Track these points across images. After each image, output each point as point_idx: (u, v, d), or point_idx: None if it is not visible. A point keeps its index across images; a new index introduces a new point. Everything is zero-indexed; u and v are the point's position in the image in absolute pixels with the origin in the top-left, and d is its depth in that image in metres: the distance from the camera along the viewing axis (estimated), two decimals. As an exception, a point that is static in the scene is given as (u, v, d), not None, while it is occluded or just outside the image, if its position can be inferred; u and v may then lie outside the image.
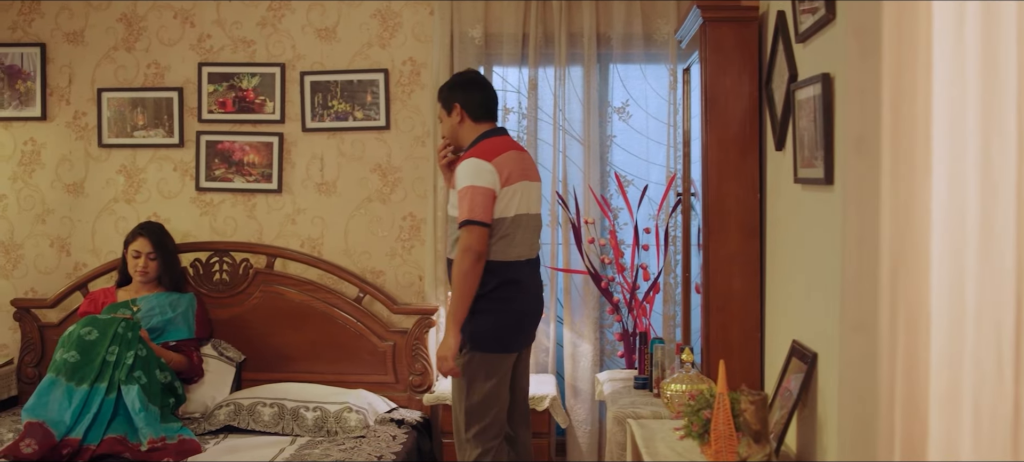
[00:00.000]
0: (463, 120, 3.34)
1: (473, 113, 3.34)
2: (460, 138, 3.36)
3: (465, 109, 3.33)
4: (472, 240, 3.11)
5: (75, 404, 3.51)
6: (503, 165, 3.18)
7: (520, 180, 3.22)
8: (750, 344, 3.20)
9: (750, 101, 3.19)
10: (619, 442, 3.23)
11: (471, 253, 3.11)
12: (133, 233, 4.12)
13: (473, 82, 3.40)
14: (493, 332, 3.17)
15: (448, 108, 3.37)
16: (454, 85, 3.40)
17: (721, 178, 3.20)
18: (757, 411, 2.24)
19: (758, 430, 2.24)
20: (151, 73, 4.48)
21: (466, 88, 3.36)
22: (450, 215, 3.30)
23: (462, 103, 3.34)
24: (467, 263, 3.11)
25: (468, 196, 3.12)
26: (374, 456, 3.49)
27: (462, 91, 3.36)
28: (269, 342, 4.31)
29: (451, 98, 3.37)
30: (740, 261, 3.20)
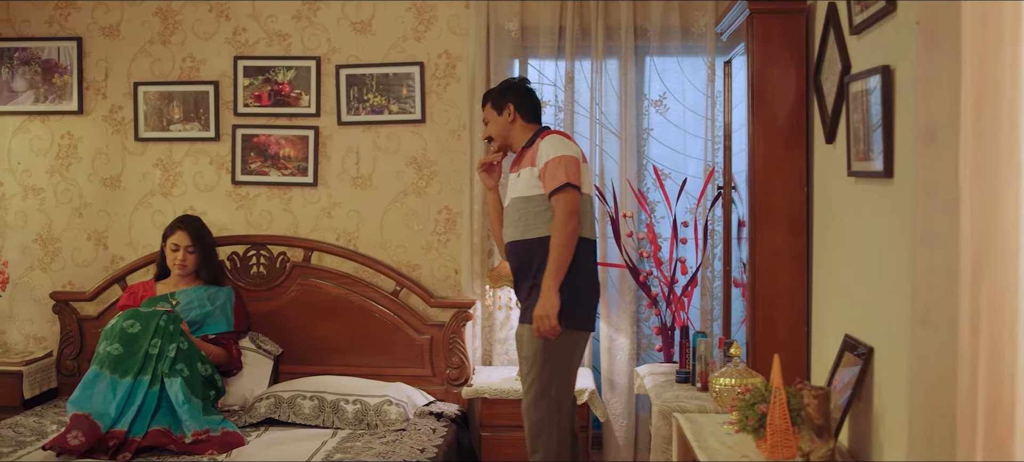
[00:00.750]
0: (515, 120, 3.53)
1: (525, 114, 3.55)
2: (511, 137, 3.55)
3: (519, 110, 3.54)
4: (574, 202, 3.27)
5: (120, 396, 3.52)
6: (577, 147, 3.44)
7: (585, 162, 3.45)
8: (797, 338, 3.18)
9: (797, 94, 3.17)
10: (664, 436, 3.22)
11: (576, 215, 3.27)
12: (171, 226, 4.14)
13: (525, 87, 3.61)
14: (583, 308, 3.32)
15: (499, 108, 3.55)
16: (507, 88, 3.60)
17: (768, 171, 3.18)
18: (820, 405, 2.23)
19: (821, 424, 2.23)
20: (186, 67, 4.49)
21: (519, 91, 3.57)
22: (515, 197, 3.42)
23: (516, 104, 3.53)
24: (574, 224, 3.26)
25: (562, 163, 3.28)
26: (416, 449, 3.50)
27: (515, 93, 3.56)
28: (306, 335, 4.31)
29: (504, 99, 3.55)
30: (787, 255, 3.19)
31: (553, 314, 3.21)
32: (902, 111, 2.30)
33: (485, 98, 3.65)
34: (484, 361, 4.37)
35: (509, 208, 3.47)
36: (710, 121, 4.22)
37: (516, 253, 3.42)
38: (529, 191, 3.37)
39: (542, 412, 3.30)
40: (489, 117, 3.59)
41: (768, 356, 3.13)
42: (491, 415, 3.96)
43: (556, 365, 3.30)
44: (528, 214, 3.37)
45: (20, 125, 4.56)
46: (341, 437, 3.65)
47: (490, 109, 3.58)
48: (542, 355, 3.29)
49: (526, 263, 3.37)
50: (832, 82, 2.86)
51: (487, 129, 3.61)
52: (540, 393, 3.30)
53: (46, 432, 3.69)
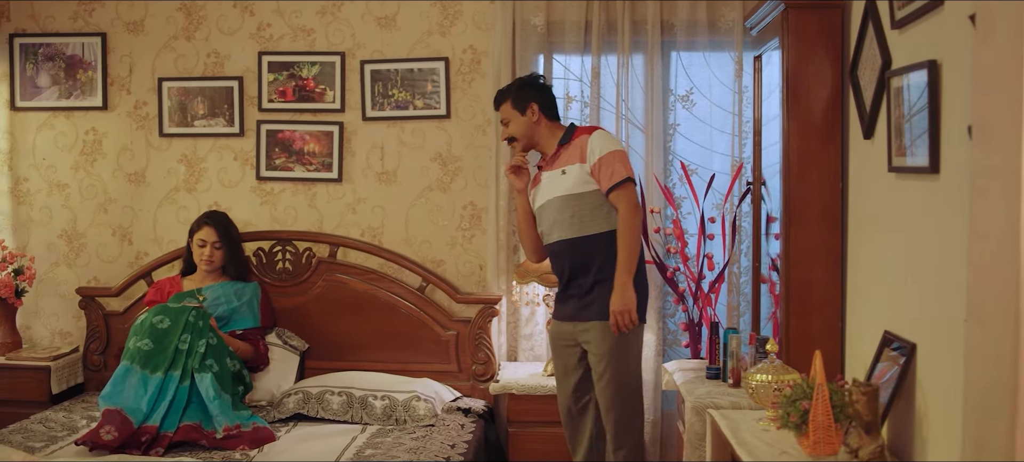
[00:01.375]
0: (540, 119, 3.47)
1: (548, 112, 3.49)
2: (536, 137, 3.48)
3: (542, 109, 3.47)
4: (635, 196, 3.31)
5: (151, 392, 3.53)
6: None
7: None
8: (831, 334, 3.17)
9: (832, 89, 3.15)
10: (697, 432, 3.21)
11: (639, 208, 3.33)
12: (198, 222, 4.14)
13: (544, 84, 3.54)
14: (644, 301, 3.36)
15: (521, 108, 3.46)
16: (527, 84, 3.50)
17: (802, 167, 3.17)
18: (869, 402, 2.22)
19: (869, 421, 2.22)
20: (211, 62, 4.49)
21: (540, 89, 3.49)
22: (563, 195, 3.35)
23: (539, 103, 3.46)
24: (640, 217, 3.32)
25: (618, 158, 3.29)
26: (447, 445, 3.49)
27: (536, 91, 3.48)
28: (332, 331, 4.31)
29: (525, 98, 3.46)
30: (821, 251, 3.18)
31: (632, 308, 3.25)
32: (949, 106, 2.29)
33: (500, 97, 3.55)
34: (509, 357, 4.36)
35: (552, 206, 3.39)
36: (737, 116, 4.20)
37: (571, 251, 3.35)
38: (580, 188, 3.33)
39: (625, 406, 3.33)
40: (509, 117, 3.49)
41: (802, 352, 3.13)
42: (519, 411, 3.95)
43: (632, 358, 3.34)
44: (583, 211, 3.33)
45: (45, 121, 4.57)
46: (370, 433, 3.65)
47: (510, 109, 3.48)
48: (619, 350, 3.29)
49: (585, 260, 3.33)
50: (870, 77, 2.84)
51: (508, 130, 3.51)
52: (622, 388, 3.31)
53: (77, 427, 3.69)
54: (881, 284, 2.82)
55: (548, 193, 3.42)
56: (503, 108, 3.52)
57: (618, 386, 3.31)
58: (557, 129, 3.50)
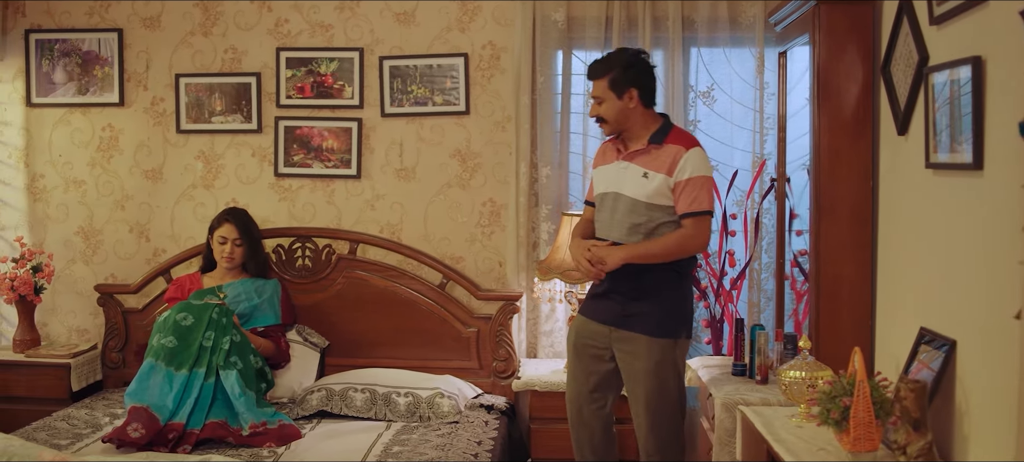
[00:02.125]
0: (637, 105, 3.21)
1: (647, 99, 3.23)
2: (628, 124, 3.22)
3: (641, 96, 3.20)
4: (705, 232, 3.16)
5: (176, 389, 3.51)
6: None
7: None
8: (860, 330, 3.17)
9: (863, 85, 3.15)
10: (727, 429, 3.20)
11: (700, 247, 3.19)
12: (218, 219, 4.12)
13: (649, 67, 3.24)
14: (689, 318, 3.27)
15: (619, 90, 3.16)
16: (632, 67, 3.18)
17: (833, 163, 3.16)
18: (917, 398, 2.22)
19: (917, 417, 2.22)
20: (228, 58, 4.46)
21: (644, 72, 3.21)
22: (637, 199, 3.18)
23: (640, 89, 3.19)
24: (687, 252, 3.17)
25: (706, 186, 3.15)
26: (473, 442, 3.49)
27: (640, 75, 3.19)
28: (352, 328, 4.30)
29: (627, 79, 3.16)
30: (851, 247, 3.17)
31: (610, 265, 3.13)
32: (994, 102, 2.29)
33: (597, 69, 3.20)
34: (529, 354, 4.36)
35: (621, 203, 3.20)
36: (758, 113, 4.20)
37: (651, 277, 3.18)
38: (658, 200, 3.15)
39: (665, 428, 3.23)
40: (603, 97, 3.17)
41: (832, 348, 3.13)
42: (541, 407, 3.95)
43: (679, 376, 3.24)
44: (650, 225, 3.17)
45: (61, 117, 4.54)
46: (395, 430, 3.64)
47: (606, 88, 3.16)
48: (667, 367, 3.19)
49: (638, 269, 3.15)
50: (905, 73, 2.84)
51: (599, 109, 3.19)
52: (668, 406, 3.22)
53: (100, 424, 3.68)
54: (917, 280, 2.81)
55: (621, 185, 3.21)
56: (598, 84, 3.19)
57: (657, 406, 3.19)
58: (651, 120, 3.24)
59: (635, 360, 3.20)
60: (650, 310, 3.16)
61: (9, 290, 4.17)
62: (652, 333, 3.16)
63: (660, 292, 3.17)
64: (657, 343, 3.17)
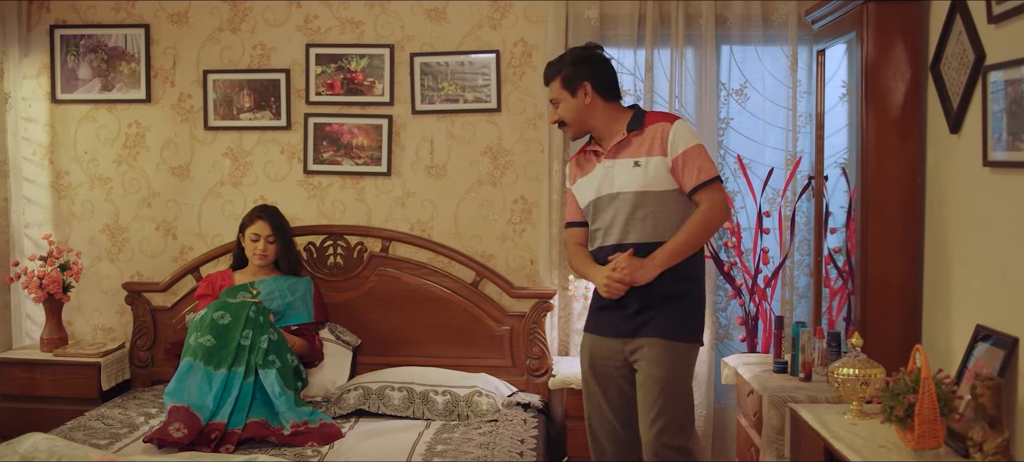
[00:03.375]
0: (594, 101, 3.03)
1: (605, 92, 3.04)
2: (590, 121, 3.06)
3: (597, 88, 3.02)
4: (725, 198, 2.99)
5: (216, 388, 3.49)
6: None
7: None
8: (908, 327, 3.19)
9: (911, 83, 3.16)
10: (775, 426, 3.21)
11: (726, 213, 2.98)
12: (251, 216, 4.09)
13: (603, 57, 3.08)
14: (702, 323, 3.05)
15: (572, 87, 3.02)
16: (581, 61, 3.04)
17: (880, 161, 3.18)
18: (994, 396, 2.23)
19: (994, 415, 2.23)
20: (257, 54, 4.43)
21: (596, 64, 3.05)
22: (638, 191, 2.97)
23: (593, 81, 3.02)
24: (716, 223, 2.96)
25: (704, 153, 2.96)
26: (517, 440, 3.48)
27: (592, 67, 3.03)
28: (384, 326, 4.28)
29: (578, 75, 3.01)
30: (898, 245, 3.19)
31: (634, 282, 2.90)
32: (1064, 102, 2.30)
33: (548, 72, 3.08)
34: (561, 351, 4.35)
35: (622, 202, 2.99)
36: (791, 111, 4.21)
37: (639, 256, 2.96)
38: (660, 186, 2.95)
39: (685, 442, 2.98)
40: (559, 97, 3.05)
41: (878, 345, 3.14)
42: (578, 406, 3.90)
43: (684, 384, 3.00)
44: (659, 214, 2.96)
45: (86, 114, 4.50)
46: (435, 428, 3.63)
47: (560, 88, 3.03)
48: (681, 378, 2.98)
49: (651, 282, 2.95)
50: (959, 72, 2.85)
51: (557, 112, 3.06)
52: (683, 423, 2.98)
53: (135, 424, 3.65)
54: (972, 278, 2.83)
55: (614, 185, 3.01)
56: (553, 87, 3.07)
57: (679, 422, 2.97)
58: (619, 112, 3.07)
59: (645, 366, 2.98)
60: (665, 312, 2.95)
61: (38, 288, 4.13)
62: (665, 336, 2.96)
63: (677, 296, 2.98)
64: (671, 347, 2.97)
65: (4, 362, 4.18)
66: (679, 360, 2.99)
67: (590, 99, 3.05)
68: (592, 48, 3.15)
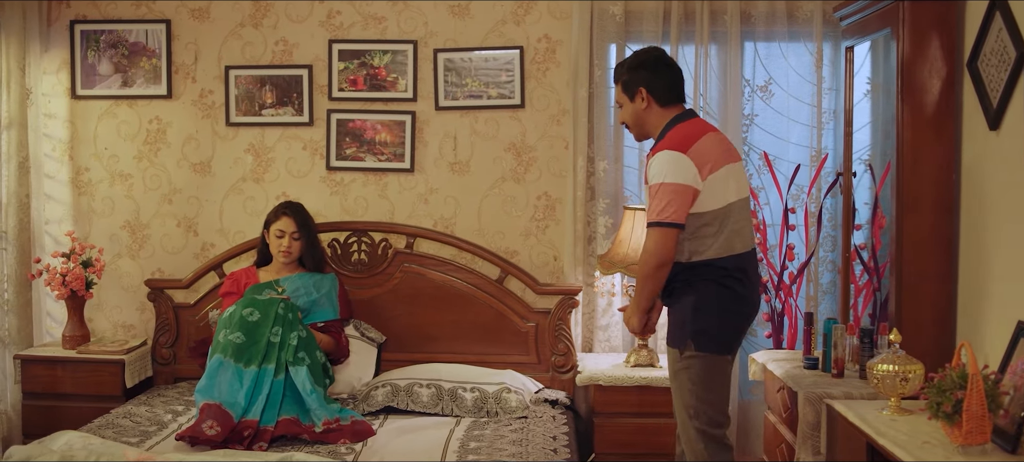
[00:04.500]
0: (650, 106, 3.07)
1: (661, 97, 3.07)
2: (648, 125, 3.11)
3: (652, 93, 3.06)
4: (658, 245, 2.90)
5: (247, 385, 3.47)
6: (701, 153, 2.93)
7: (724, 164, 2.97)
8: (944, 323, 3.20)
9: (946, 80, 3.17)
10: (810, 422, 3.21)
11: (655, 259, 2.91)
12: (276, 212, 4.07)
13: (660, 61, 3.10)
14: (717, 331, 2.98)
15: (630, 93, 3.09)
16: (638, 65, 3.09)
17: (916, 158, 3.19)
18: (1051, 393, 2.23)
19: (1051, 412, 2.24)
20: (279, 50, 4.41)
21: (653, 68, 3.07)
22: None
23: (648, 86, 3.06)
24: (649, 268, 2.94)
25: (662, 195, 2.89)
26: (549, 437, 3.48)
27: (648, 72, 3.06)
28: (408, 322, 4.28)
29: (635, 81, 3.07)
30: (933, 241, 3.20)
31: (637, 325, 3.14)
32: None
33: (616, 76, 3.17)
34: (585, 348, 4.35)
35: None
36: (815, 107, 4.21)
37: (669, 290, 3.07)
38: None
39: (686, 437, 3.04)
40: (621, 101, 3.13)
41: (914, 342, 3.14)
42: (604, 402, 3.94)
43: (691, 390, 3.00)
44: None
45: (106, 109, 4.47)
46: (466, 425, 3.62)
47: (621, 92, 3.11)
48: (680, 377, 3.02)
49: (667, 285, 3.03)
50: (998, 69, 2.86)
51: (621, 114, 3.17)
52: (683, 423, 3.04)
53: (163, 422, 3.63)
54: (1013, 274, 2.84)
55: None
56: (617, 90, 3.16)
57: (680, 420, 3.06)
58: (663, 120, 3.07)
59: None
60: (670, 320, 3.09)
61: (61, 285, 4.11)
62: (669, 342, 3.07)
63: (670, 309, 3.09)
64: (671, 353, 3.06)
65: (26, 359, 4.14)
66: (671, 365, 3.08)
67: (646, 105, 3.09)
68: (652, 52, 3.17)
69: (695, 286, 2.99)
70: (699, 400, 2.99)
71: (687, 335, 2.98)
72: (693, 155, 2.92)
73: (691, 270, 2.99)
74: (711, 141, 3.02)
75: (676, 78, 3.13)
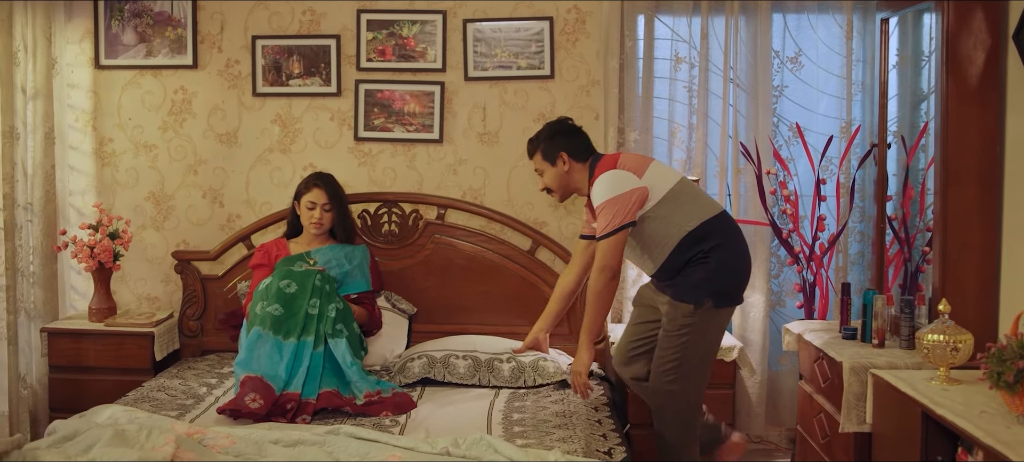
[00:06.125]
0: (571, 166, 3.46)
1: (579, 155, 3.46)
2: (571, 184, 3.49)
3: (572, 155, 3.45)
4: (607, 252, 3.27)
5: (286, 358, 3.45)
6: (628, 163, 3.35)
7: (649, 164, 3.38)
8: (986, 294, 3.23)
9: (991, 51, 3.18)
10: (856, 393, 3.24)
11: (608, 270, 3.29)
12: (306, 183, 4.04)
13: (571, 127, 3.51)
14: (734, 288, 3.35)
15: (551, 159, 3.47)
16: (553, 134, 3.48)
17: (961, 130, 3.20)
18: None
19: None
20: (306, 20, 4.36)
21: (567, 134, 3.48)
22: None
23: (567, 150, 3.45)
24: (602, 281, 3.31)
25: (608, 208, 3.25)
26: (590, 407, 3.49)
27: (564, 137, 3.47)
28: (439, 294, 4.27)
29: (554, 147, 3.46)
30: (977, 213, 3.23)
31: (583, 372, 3.42)
32: None
33: (531, 148, 3.54)
34: (615, 319, 4.36)
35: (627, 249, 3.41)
36: (844, 79, 4.22)
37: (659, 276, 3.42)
38: None
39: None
40: (542, 168, 3.51)
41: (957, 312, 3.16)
42: (638, 372, 3.95)
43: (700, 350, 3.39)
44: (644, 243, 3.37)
45: (131, 80, 4.41)
46: (505, 396, 3.62)
47: (541, 160, 3.49)
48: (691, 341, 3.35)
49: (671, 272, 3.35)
50: (1051, 41, 2.87)
51: (544, 180, 3.53)
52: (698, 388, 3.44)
53: (199, 395, 3.61)
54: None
55: None
56: (535, 160, 3.52)
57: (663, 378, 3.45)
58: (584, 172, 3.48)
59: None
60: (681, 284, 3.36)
61: (89, 257, 4.07)
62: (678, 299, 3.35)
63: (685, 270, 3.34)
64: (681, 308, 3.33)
65: (53, 332, 4.10)
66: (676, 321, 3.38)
67: (568, 166, 3.47)
68: (562, 121, 3.55)
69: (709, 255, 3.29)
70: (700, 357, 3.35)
71: (706, 292, 3.27)
72: (623, 166, 3.35)
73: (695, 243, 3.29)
74: (629, 156, 3.47)
75: (587, 137, 3.55)
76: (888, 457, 3.03)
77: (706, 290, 3.28)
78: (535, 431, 3.17)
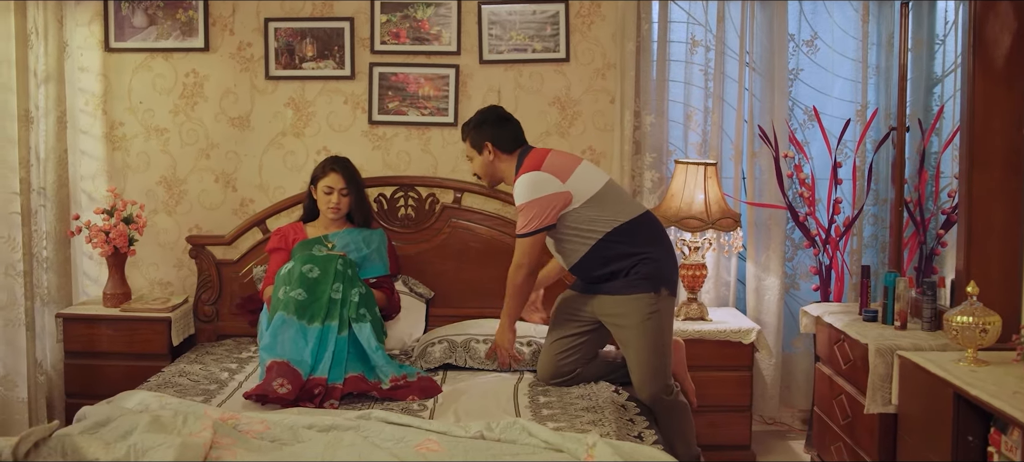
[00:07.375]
0: (496, 156, 3.47)
1: (506, 147, 3.47)
2: (497, 173, 3.51)
3: (497, 146, 3.46)
4: (524, 251, 3.34)
5: (312, 343, 3.44)
6: (554, 166, 3.33)
7: (577, 165, 3.37)
8: (1009, 276, 3.26)
9: (1017, 34, 3.20)
10: (881, 374, 3.27)
11: (525, 267, 3.37)
12: (323, 168, 4.00)
13: (500, 117, 3.50)
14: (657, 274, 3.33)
15: (478, 147, 3.48)
16: (481, 123, 3.48)
17: (987, 113, 3.22)
18: None
19: None
20: (319, 2, 4.33)
21: (496, 124, 3.47)
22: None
23: (493, 141, 3.46)
24: (520, 278, 3.39)
25: (526, 211, 3.29)
26: (611, 390, 3.50)
27: (491, 127, 3.46)
28: (456, 278, 4.26)
29: (480, 137, 3.47)
30: (1002, 196, 3.25)
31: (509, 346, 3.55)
32: None
33: (463, 133, 3.56)
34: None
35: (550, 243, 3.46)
36: (859, 63, 4.24)
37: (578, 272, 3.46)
38: None
39: None
40: (470, 154, 3.53)
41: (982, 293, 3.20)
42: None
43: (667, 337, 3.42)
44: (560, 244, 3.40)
45: (141, 62, 4.36)
46: (528, 380, 3.63)
47: (469, 147, 3.51)
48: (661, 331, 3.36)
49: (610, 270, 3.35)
50: (1081, 25, 2.88)
51: (471, 166, 3.56)
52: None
53: (221, 380, 3.59)
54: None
55: None
56: (466, 145, 3.55)
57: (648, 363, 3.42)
58: (511, 163, 3.47)
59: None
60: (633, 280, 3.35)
61: (104, 243, 4.03)
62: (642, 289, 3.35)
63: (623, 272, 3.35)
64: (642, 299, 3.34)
65: (68, 318, 4.07)
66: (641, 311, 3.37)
67: (494, 156, 3.48)
68: (493, 110, 3.55)
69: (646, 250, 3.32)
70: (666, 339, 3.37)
71: (661, 281, 3.32)
72: (548, 169, 3.33)
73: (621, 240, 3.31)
74: (556, 156, 3.43)
75: (516, 128, 3.52)
76: (916, 438, 3.07)
77: (660, 279, 3.31)
78: (564, 414, 3.18)
